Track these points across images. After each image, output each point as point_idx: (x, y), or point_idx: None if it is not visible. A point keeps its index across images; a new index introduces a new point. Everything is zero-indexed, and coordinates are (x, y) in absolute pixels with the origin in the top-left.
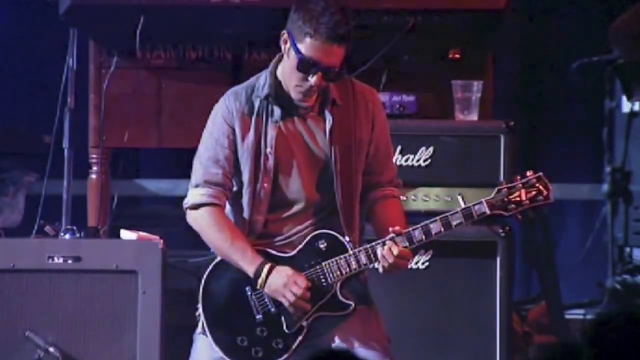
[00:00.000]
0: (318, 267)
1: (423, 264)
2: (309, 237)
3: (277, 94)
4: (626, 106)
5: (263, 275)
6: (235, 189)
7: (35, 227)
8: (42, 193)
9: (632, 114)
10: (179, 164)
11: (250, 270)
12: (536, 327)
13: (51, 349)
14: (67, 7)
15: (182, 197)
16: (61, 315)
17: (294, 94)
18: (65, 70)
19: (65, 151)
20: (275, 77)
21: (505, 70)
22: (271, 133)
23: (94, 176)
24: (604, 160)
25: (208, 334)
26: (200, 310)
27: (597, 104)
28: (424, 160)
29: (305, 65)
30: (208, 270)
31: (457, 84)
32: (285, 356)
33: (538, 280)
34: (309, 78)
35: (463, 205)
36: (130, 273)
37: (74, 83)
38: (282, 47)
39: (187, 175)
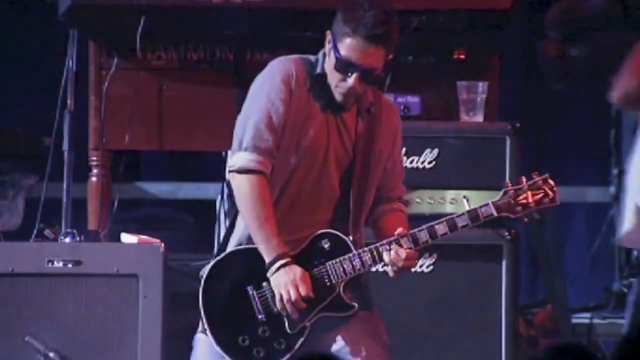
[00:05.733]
0: (322, 267)
1: (428, 267)
2: (312, 237)
3: (323, 85)
4: None
5: (276, 266)
6: None
7: (35, 230)
8: (41, 196)
9: None
10: (180, 167)
11: (268, 256)
12: (542, 331)
13: (51, 354)
14: (67, 7)
15: (183, 200)
16: (61, 320)
17: (336, 95)
18: (65, 72)
19: (65, 154)
20: (323, 68)
21: (511, 71)
22: (317, 118)
23: (94, 179)
24: (611, 163)
25: (209, 333)
26: (200, 309)
27: (604, 106)
28: (429, 162)
29: (342, 65)
30: (208, 269)
31: (462, 84)
32: (287, 356)
33: (544, 284)
34: (347, 79)
35: (467, 208)
36: (131, 277)
37: (74, 84)
38: (326, 47)
39: (189, 178)
